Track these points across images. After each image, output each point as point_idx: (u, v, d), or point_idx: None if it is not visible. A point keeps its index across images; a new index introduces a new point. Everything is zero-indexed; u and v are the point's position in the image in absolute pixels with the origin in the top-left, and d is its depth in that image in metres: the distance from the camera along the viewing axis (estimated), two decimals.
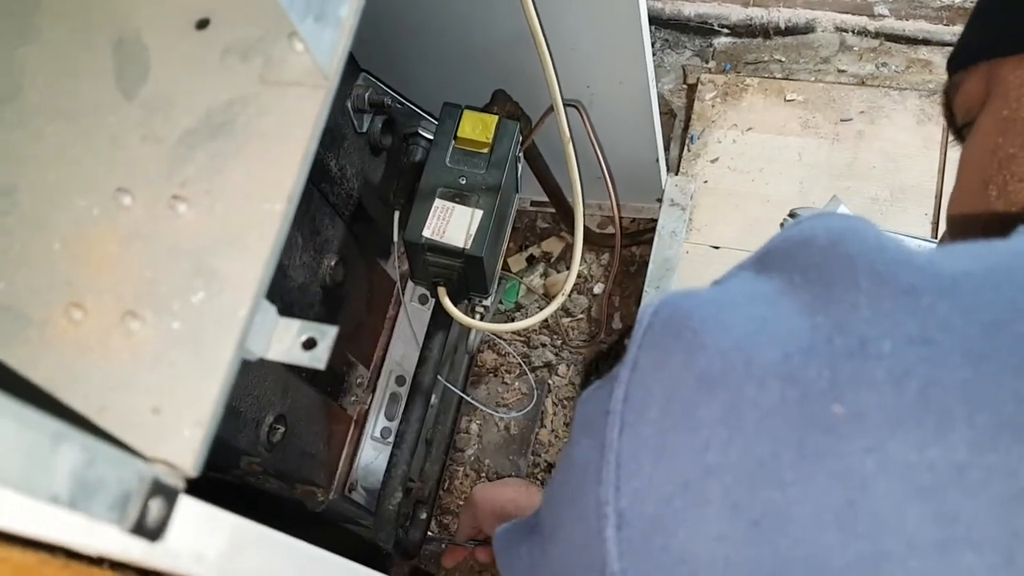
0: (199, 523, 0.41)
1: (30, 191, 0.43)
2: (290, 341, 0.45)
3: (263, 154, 0.41)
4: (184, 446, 0.36)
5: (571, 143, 1.07)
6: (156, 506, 0.34)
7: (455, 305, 1.15)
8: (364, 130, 1.22)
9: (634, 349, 0.38)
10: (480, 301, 1.20)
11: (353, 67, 1.19)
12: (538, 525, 0.46)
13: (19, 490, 0.28)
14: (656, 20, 1.68)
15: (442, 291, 1.13)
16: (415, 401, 1.20)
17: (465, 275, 1.12)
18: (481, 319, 1.21)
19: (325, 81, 0.41)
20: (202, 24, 0.45)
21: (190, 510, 0.41)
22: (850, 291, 0.34)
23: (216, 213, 0.40)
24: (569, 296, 1.66)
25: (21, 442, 0.27)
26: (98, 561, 0.42)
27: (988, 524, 0.30)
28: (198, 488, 0.41)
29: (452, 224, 1.09)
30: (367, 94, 1.19)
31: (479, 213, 1.09)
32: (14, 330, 0.39)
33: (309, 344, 0.46)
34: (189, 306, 0.39)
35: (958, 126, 0.55)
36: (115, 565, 0.43)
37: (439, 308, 1.18)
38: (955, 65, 0.55)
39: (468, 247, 1.08)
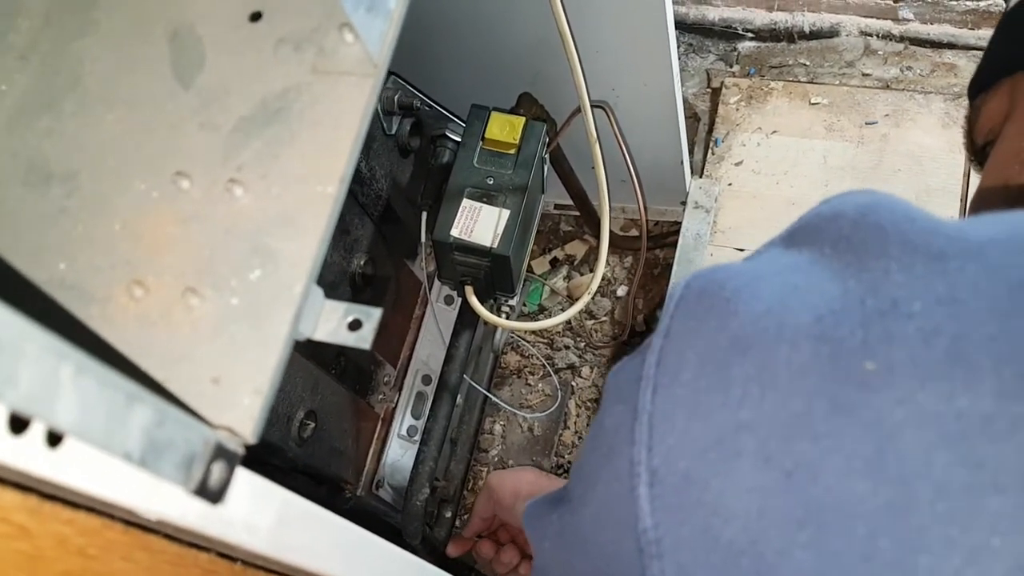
0: (252, 494, 0.43)
1: (91, 175, 0.45)
2: (336, 322, 0.47)
3: (315, 140, 0.42)
4: (243, 414, 0.37)
5: (598, 144, 1.09)
6: (218, 469, 0.35)
7: (482, 304, 1.16)
8: (393, 132, 1.23)
9: (667, 319, 0.39)
10: (506, 301, 1.22)
11: None
12: (568, 494, 0.48)
13: (98, 445, 0.29)
14: (680, 24, 1.69)
15: (469, 290, 1.15)
16: (442, 398, 1.22)
17: (492, 274, 1.14)
18: (507, 319, 1.22)
19: (374, 70, 0.43)
20: (255, 16, 0.47)
21: (244, 481, 0.43)
22: (881, 258, 0.36)
23: (271, 195, 0.42)
24: (592, 298, 1.68)
25: (101, 400, 0.29)
26: (154, 530, 0.43)
27: (1013, 469, 0.32)
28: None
29: (480, 224, 1.11)
30: (396, 96, 1.21)
31: (506, 213, 1.11)
32: (77, 307, 0.41)
33: (355, 325, 0.47)
34: (247, 283, 0.40)
35: (979, 146, 0.56)
36: (169, 536, 0.45)
37: (466, 307, 1.20)
38: (977, 87, 0.56)
39: (495, 246, 1.09)
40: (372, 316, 0.47)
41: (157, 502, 0.37)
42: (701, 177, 1.56)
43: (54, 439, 0.31)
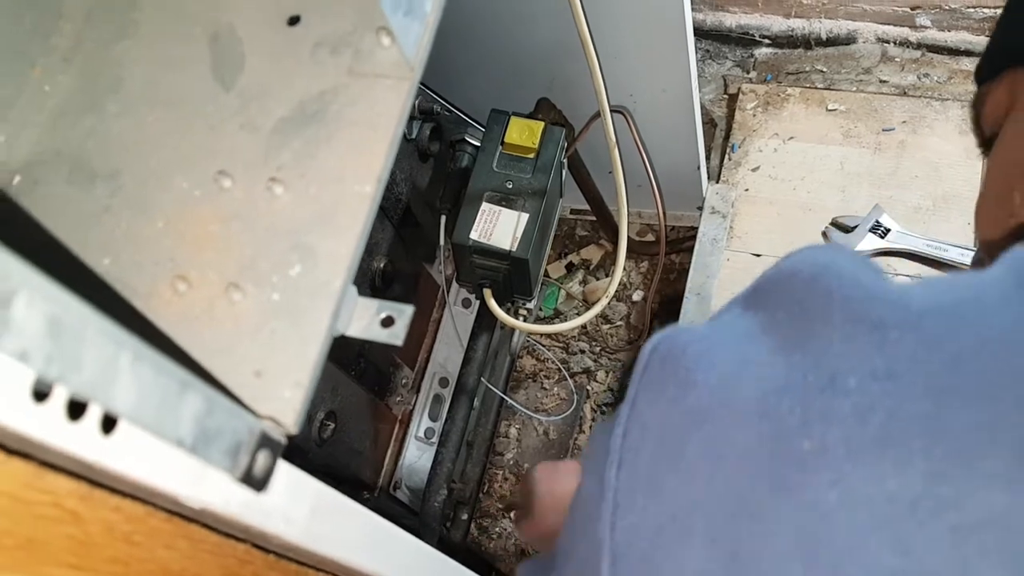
0: (288, 485, 0.44)
1: (134, 175, 0.46)
2: (369, 319, 0.48)
3: (353, 140, 0.43)
4: (285, 405, 0.38)
5: (616, 148, 1.09)
6: (263, 458, 0.36)
7: (500, 307, 1.17)
8: (413, 136, 1.25)
9: (634, 388, 0.40)
10: (523, 304, 1.23)
11: None
12: (554, 560, 0.49)
13: (152, 431, 0.30)
14: (697, 31, 1.70)
15: (487, 292, 1.16)
16: (459, 400, 1.23)
17: (510, 277, 1.15)
18: (524, 322, 1.23)
19: (411, 72, 0.44)
20: (293, 20, 0.48)
21: (282, 471, 0.44)
22: (826, 327, 0.36)
23: (310, 195, 0.43)
24: (609, 303, 1.68)
25: (156, 386, 0.30)
26: (195, 520, 0.44)
27: (939, 554, 0.31)
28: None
29: (499, 227, 1.12)
30: (417, 101, 1.22)
31: (525, 216, 1.12)
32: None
33: (387, 322, 0.48)
34: (287, 279, 0.41)
35: (986, 137, 0.56)
36: (208, 527, 0.46)
37: (484, 310, 1.21)
38: (982, 76, 0.56)
39: (514, 249, 1.10)
40: (404, 313, 0.48)
41: (201, 491, 0.38)
42: (718, 182, 1.56)
43: (108, 426, 0.32)
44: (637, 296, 1.69)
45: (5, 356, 0.25)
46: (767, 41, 1.66)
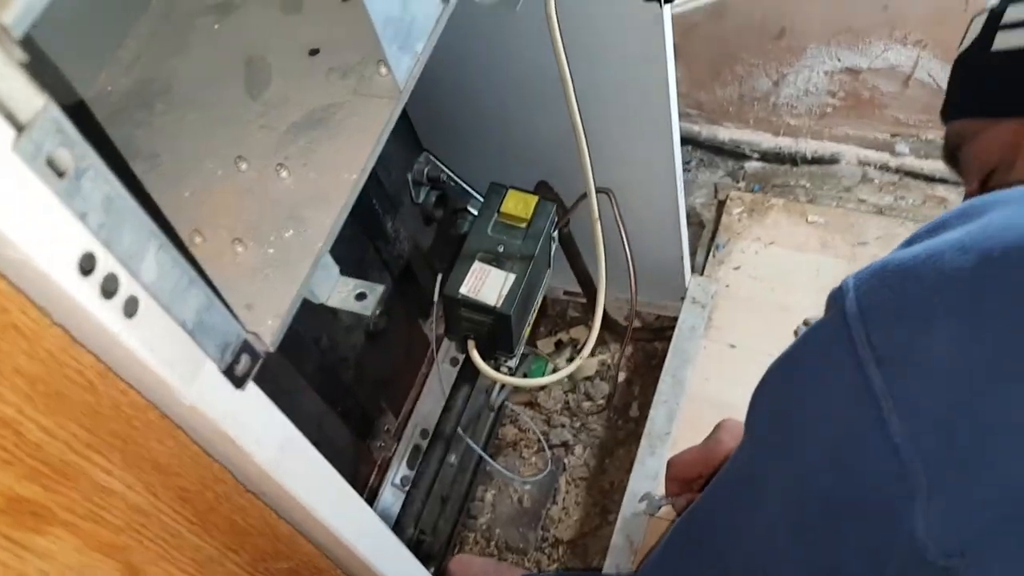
0: (266, 414, 0.53)
1: (170, 156, 0.57)
2: (347, 293, 0.58)
3: (348, 141, 0.55)
4: (267, 329, 0.48)
5: (599, 222, 1.21)
6: (244, 360, 0.46)
7: (483, 361, 1.27)
8: (420, 201, 1.37)
9: None
10: (505, 360, 1.32)
11: (416, 146, 1.36)
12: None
13: (164, 306, 0.40)
14: (693, 141, 1.85)
15: (471, 344, 1.26)
16: (435, 446, 1.31)
17: (494, 332, 1.25)
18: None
19: (399, 95, 0.56)
20: (314, 52, 0.60)
21: (261, 402, 0.53)
22: None
23: (309, 179, 0.54)
24: (591, 380, 1.78)
25: (172, 273, 0.40)
26: (182, 429, 0.53)
27: None
28: None
29: (487, 284, 1.23)
30: (426, 169, 1.36)
31: (512, 277, 1.23)
32: None
33: (360, 297, 0.58)
34: (282, 239, 0.52)
35: (977, 172, 0.64)
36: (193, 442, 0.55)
37: (467, 364, 1.30)
38: (960, 111, 0.66)
39: (499, 305, 1.21)
40: (376, 290, 0.58)
41: (192, 390, 0.47)
42: (702, 275, 1.67)
43: (130, 310, 0.42)
44: (620, 377, 1.78)
45: (69, 216, 0.35)
46: (756, 155, 1.80)
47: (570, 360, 1.80)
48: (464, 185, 1.42)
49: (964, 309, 0.48)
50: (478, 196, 1.37)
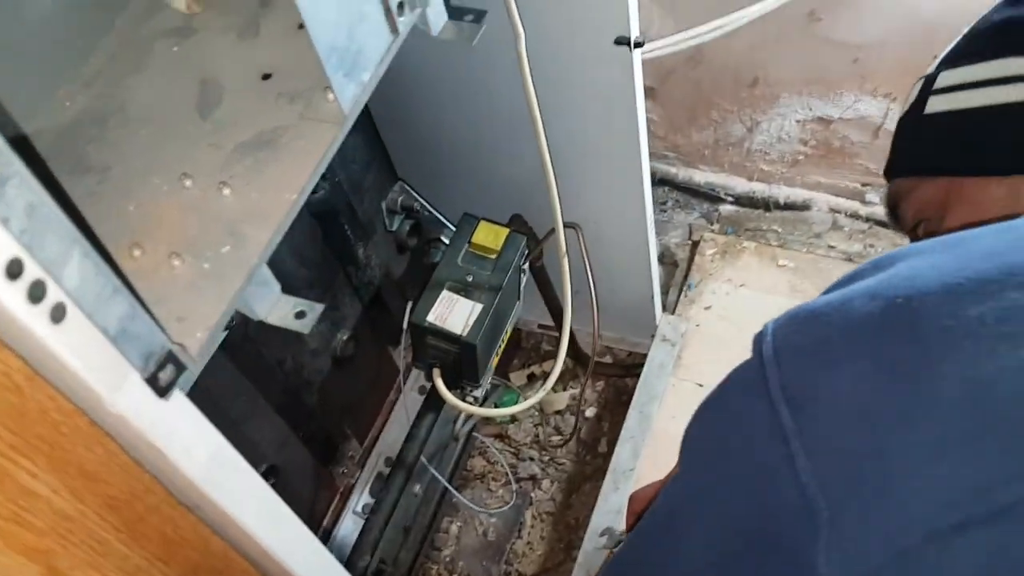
0: (194, 426, 0.54)
1: (120, 171, 0.59)
2: (287, 311, 0.60)
3: (290, 162, 0.56)
4: (195, 342, 0.50)
5: (566, 256, 1.23)
6: (168, 370, 0.47)
7: (449, 391, 1.28)
8: (394, 229, 1.39)
9: None
10: (471, 390, 1.33)
11: (392, 175, 1.38)
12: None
13: (87, 313, 0.41)
14: (671, 183, 1.88)
15: (436, 372, 1.27)
16: (397, 474, 1.31)
17: (460, 361, 1.26)
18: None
19: (344, 120, 0.58)
20: (266, 76, 0.62)
21: (189, 413, 0.54)
22: None
23: (250, 197, 0.55)
24: (561, 414, 1.78)
25: (96, 280, 0.41)
26: (112, 437, 0.54)
27: None
28: None
29: (454, 313, 1.24)
30: (400, 198, 1.38)
31: (479, 307, 1.24)
32: None
33: (300, 315, 0.60)
34: (218, 255, 0.53)
35: (911, 225, 0.68)
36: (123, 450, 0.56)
37: (432, 392, 1.31)
38: (899, 171, 0.69)
39: (465, 334, 1.22)
40: (315, 309, 0.60)
41: (118, 398, 0.48)
42: (672, 314, 1.69)
43: (57, 316, 0.43)
44: (590, 413, 1.79)
45: None
46: (731, 199, 1.83)
47: None
48: (438, 216, 1.44)
49: (868, 352, 0.51)
50: (452, 227, 1.39)
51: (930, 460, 0.46)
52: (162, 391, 0.47)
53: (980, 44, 0.62)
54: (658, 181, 1.87)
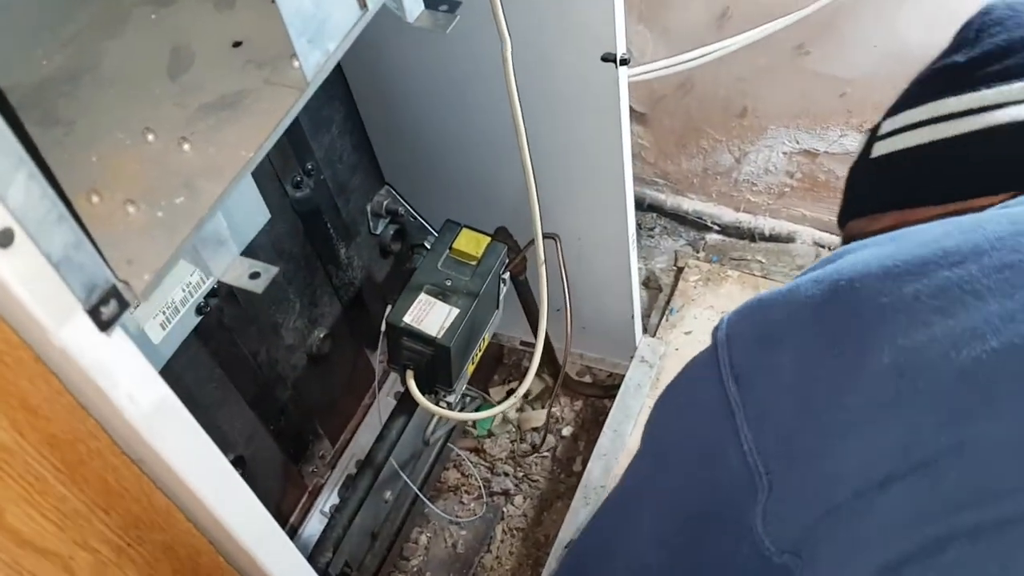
0: (140, 372, 0.55)
1: (86, 124, 0.61)
2: (242, 271, 0.61)
3: (250, 123, 0.58)
4: (140, 283, 0.51)
5: (544, 266, 1.25)
6: (112, 305, 0.48)
7: (422, 394, 1.29)
8: (377, 232, 1.41)
9: None
10: (444, 395, 1.34)
11: (378, 178, 1.40)
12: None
13: (31, 235, 0.43)
14: (659, 209, 1.90)
15: (410, 374, 1.28)
16: (364, 474, 1.31)
17: (434, 363, 1.27)
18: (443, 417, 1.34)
19: (306, 87, 0.60)
20: (237, 44, 0.64)
21: (136, 359, 0.55)
22: None
23: (208, 153, 0.57)
24: (538, 431, 1.78)
25: (41, 203, 0.42)
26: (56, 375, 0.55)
27: None
28: None
29: (431, 316, 1.25)
30: (385, 202, 1.40)
31: (455, 311, 1.25)
32: None
33: (254, 275, 0.61)
34: (172, 205, 0.55)
35: None
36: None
37: (406, 395, 1.32)
38: (851, 215, 0.73)
39: (440, 336, 1.23)
40: (269, 271, 0.61)
41: (63, 332, 0.49)
42: (653, 337, 1.70)
43: (5, 240, 0.45)
44: (567, 431, 1.79)
45: None
46: (717, 228, 1.85)
47: (520, 410, 1.82)
48: (423, 222, 1.45)
49: (809, 328, 0.54)
50: (437, 233, 1.41)
51: (861, 423, 0.49)
52: (103, 325, 0.48)
53: (922, 90, 0.66)
54: (647, 207, 1.90)
